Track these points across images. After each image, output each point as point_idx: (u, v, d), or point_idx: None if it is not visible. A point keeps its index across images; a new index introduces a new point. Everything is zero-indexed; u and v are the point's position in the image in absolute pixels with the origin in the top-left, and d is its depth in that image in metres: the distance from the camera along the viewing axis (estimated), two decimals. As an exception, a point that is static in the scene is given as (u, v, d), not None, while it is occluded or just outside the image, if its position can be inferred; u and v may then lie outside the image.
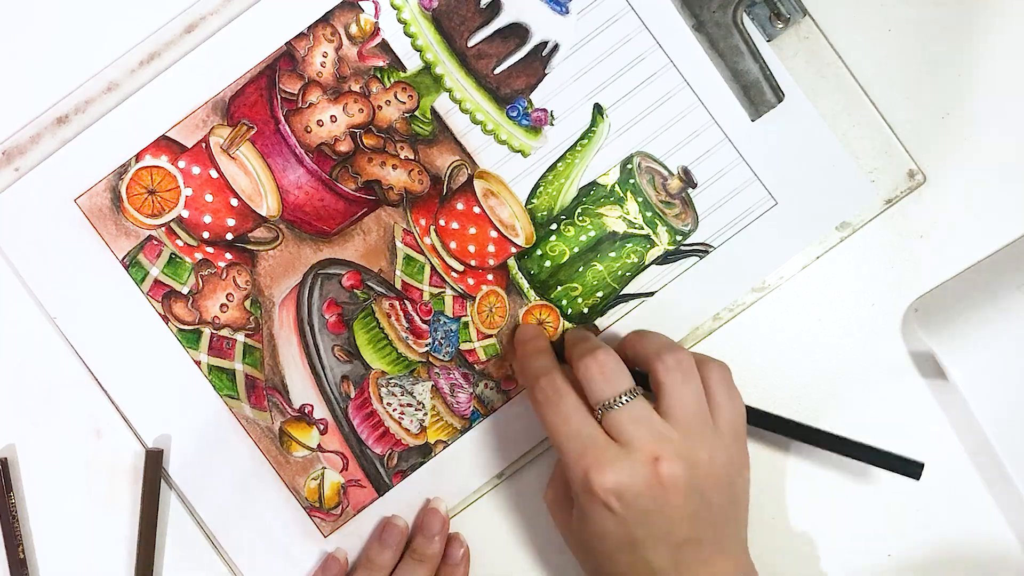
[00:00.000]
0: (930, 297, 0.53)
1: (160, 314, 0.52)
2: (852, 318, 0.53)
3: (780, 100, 0.51)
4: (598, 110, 0.52)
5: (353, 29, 0.52)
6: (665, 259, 0.53)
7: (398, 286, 0.52)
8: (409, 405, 0.52)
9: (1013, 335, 0.50)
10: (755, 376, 0.53)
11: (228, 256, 0.52)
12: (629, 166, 0.52)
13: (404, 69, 0.52)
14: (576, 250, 0.53)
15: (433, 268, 0.53)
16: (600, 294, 0.53)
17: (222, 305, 0.52)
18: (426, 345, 0.52)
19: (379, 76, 0.52)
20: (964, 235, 0.53)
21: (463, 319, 0.53)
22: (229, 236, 0.52)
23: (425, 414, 0.52)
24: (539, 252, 0.53)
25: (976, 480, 0.53)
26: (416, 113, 0.52)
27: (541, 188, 0.52)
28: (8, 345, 0.52)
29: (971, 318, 0.51)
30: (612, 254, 0.53)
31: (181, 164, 0.51)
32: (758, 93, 0.51)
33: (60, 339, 0.52)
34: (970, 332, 0.50)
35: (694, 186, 0.52)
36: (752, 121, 0.52)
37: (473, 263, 0.53)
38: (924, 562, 0.53)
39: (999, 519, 0.53)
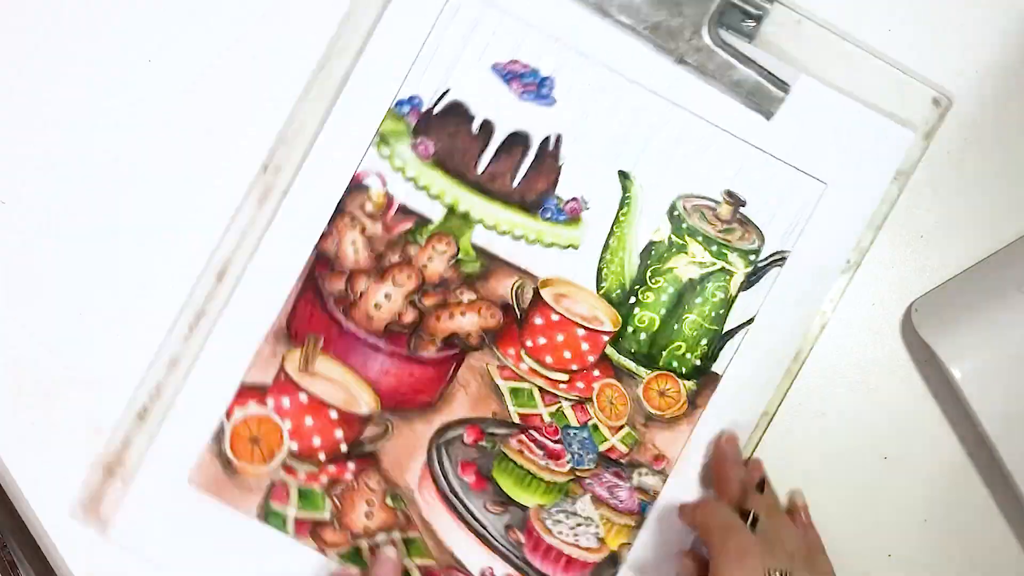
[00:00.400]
0: (930, 297, 0.53)
1: (315, 548, 0.51)
2: (852, 318, 0.53)
3: (786, 92, 0.51)
4: (624, 176, 0.52)
5: (369, 207, 0.52)
6: (749, 283, 0.52)
7: (516, 420, 0.52)
8: (579, 525, 0.52)
9: (1013, 335, 0.50)
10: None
11: (351, 466, 0.52)
12: (676, 212, 0.52)
13: (431, 221, 0.52)
14: (663, 312, 0.52)
15: (541, 389, 0.52)
16: (704, 342, 0.53)
17: (367, 513, 0.52)
18: (567, 463, 0.52)
19: (412, 238, 0.52)
20: (964, 235, 0.53)
21: (590, 423, 0.52)
22: (344, 447, 0.52)
23: (597, 527, 0.52)
24: (631, 329, 0.52)
25: (976, 480, 0.53)
26: (460, 255, 0.52)
27: (604, 270, 0.52)
28: (8, 345, 0.51)
29: (971, 318, 0.51)
30: (698, 300, 0.52)
31: (270, 402, 0.51)
32: (763, 94, 0.51)
33: (60, 339, 0.51)
34: (970, 332, 0.50)
35: (743, 204, 0.52)
36: (768, 120, 0.52)
37: (575, 367, 0.52)
38: (924, 562, 0.54)
39: (999, 519, 0.53)
